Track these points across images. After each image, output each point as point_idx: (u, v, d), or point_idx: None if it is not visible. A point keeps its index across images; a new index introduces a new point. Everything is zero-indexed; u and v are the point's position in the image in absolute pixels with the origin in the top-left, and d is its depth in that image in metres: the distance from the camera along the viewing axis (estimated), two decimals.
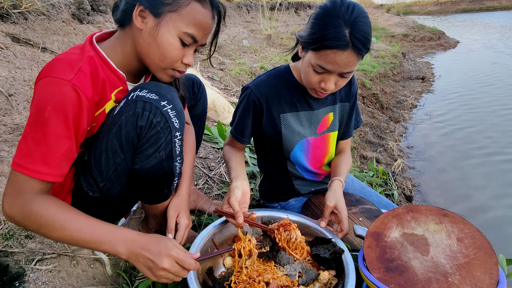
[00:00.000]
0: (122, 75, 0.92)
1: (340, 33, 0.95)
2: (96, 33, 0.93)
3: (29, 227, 0.78)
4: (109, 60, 0.89)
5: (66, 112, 0.76)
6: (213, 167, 1.91)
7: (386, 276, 0.87)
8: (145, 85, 0.88)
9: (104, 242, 0.77)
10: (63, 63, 0.79)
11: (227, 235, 1.09)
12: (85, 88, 0.80)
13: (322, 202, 1.35)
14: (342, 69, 1.01)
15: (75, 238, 0.77)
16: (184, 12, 0.84)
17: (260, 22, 6.28)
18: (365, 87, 4.60)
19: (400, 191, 2.55)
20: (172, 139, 0.88)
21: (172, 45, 0.86)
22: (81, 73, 0.79)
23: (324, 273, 0.96)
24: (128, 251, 0.78)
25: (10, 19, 2.38)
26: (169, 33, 0.85)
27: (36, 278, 0.93)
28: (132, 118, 0.83)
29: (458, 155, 3.30)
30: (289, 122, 1.24)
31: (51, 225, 0.75)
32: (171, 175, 0.95)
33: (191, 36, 0.87)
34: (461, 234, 0.93)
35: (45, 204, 0.76)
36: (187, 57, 0.91)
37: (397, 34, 10.42)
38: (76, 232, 0.76)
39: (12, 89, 1.79)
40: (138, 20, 0.85)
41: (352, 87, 1.34)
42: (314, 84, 1.09)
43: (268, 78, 1.23)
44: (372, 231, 1.01)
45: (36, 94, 0.77)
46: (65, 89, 0.76)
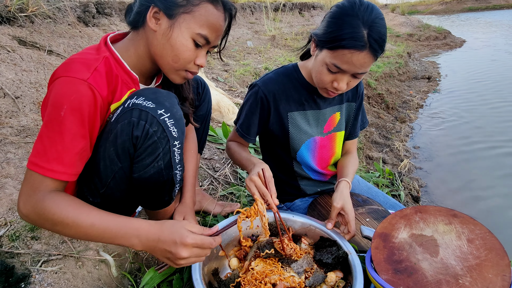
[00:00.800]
0: (135, 76, 0.92)
1: (359, 33, 0.94)
2: (110, 34, 0.94)
3: (44, 225, 0.78)
4: (123, 61, 0.89)
5: (82, 111, 0.77)
6: (218, 168, 1.90)
7: (395, 278, 0.86)
8: (143, 92, 0.86)
9: (117, 237, 0.76)
10: (79, 62, 0.80)
11: (233, 236, 1.08)
12: (101, 87, 0.81)
13: (329, 203, 1.34)
14: (357, 70, 1.00)
15: (89, 234, 0.76)
16: (198, 14, 0.85)
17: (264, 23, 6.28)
18: (371, 87, 4.57)
19: (407, 191, 2.52)
20: (171, 148, 0.86)
21: (185, 46, 0.87)
22: (97, 73, 0.80)
23: (332, 275, 0.94)
24: (142, 245, 0.77)
25: (17, 23, 2.40)
26: (183, 34, 0.86)
27: (42, 279, 0.93)
28: (128, 127, 0.81)
29: (466, 155, 3.26)
30: (296, 121, 1.23)
31: (64, 222, 0.74)
32: (171, 183, 0.94)
33: (204, 37, 0.87)
34: (471, 235, 0.91)
35: (56, 200, 0.75)
36: (199, 58, 0.91)
37: (402, 34, 10.35)
38: (90, 228, 0.75)
39: (19, 92, 1.80)
40: (152, 22, 0.86)
41: (359, 87, 1.33)
42: (326, 83, 1.07)
43: (276, 76, 1.23)
44: (380, 232, 0.99)
45: (52, 94, 0.77)
46: (82, 88, 0.77)
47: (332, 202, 1.11)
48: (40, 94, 1.89)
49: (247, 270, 0.96)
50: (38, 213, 0.75)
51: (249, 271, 0.94)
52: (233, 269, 1.01)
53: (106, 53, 0.87)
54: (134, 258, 1.16)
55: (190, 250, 0.76)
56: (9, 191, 1.22)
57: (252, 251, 1.02)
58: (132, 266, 1.14)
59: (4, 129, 1.55)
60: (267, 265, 0.96)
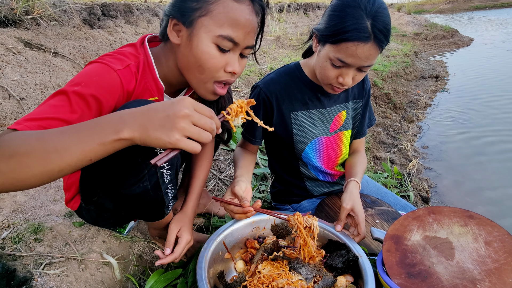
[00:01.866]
0: (161, 86, 0.87)
1: (362, 24, 0.91)
2: (148, 34, 0.91)
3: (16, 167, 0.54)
4: (154, 68, 0.85)
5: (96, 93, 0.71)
6: (223, 169, 1.88)
7: (408, 282, 0.82)
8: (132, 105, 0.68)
9: (96, 131, 0.57)
10: (114, 57, 0.79)
11: (239, 238, 1.05)
12: (129, 82, 0.79)
13: (337, 204, 1.30)
14: (362, 63, 0.97)
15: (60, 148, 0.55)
16: (216, 13, 0.76)
17: (269, 24, 6.26)
18: (377, 87, 4.51)
19: (416, 192, 2.46)
20: (158, 170, 0.78)
21: (207, 53, 0.78)
22: (128, 69, 0.79)
23: (341, 280, 0.91)
24: (131, 124, 0.57)
25: (22, 25, 2.42)
26: (203, 41, 0.77)
27: (44, 282, 0.91)
28: None
29: (477, 155, 3.18)
30: (300, 121, 1.20)
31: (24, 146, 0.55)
32: (161, 202, 0.87)
33: (228, 38, 0.77)
34: (489, 237, 0.86)
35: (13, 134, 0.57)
36: (230, 64, 0.81)
37: (408, 33, 10.24)
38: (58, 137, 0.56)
39: (24, 93, 1.80)
40: (174, 35, 0.81)
41: (365, 84, 1.30)
42: (331, 79, 1.04)
43: (277, 76, 1.20)
44: (391, 234, 0.95)
45: (77, 74, 0.74)
46: (110, 74, 0.75)
47: (342, 203, 1.08)
48: (45, 96, 1.88)
49: (253, 273, 0.93)
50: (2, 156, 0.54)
51: (256, 275, 0.91)
52: (239, 272, 0.98)
53: (141, 55, 0.84)
54: (138, 261, 1.14)
55: (191, 108, 0.59)
56: (13, 193, 1.21)
57: (259, 254, 0.99)
58: (136, 269, 1.11)
59: None
60: (274, 269, 0.93)
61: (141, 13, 3.79)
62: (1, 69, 1.85)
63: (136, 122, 0.57)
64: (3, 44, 2.06)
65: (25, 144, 0.55)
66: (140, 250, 1.16)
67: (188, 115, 0.58)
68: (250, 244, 1.03)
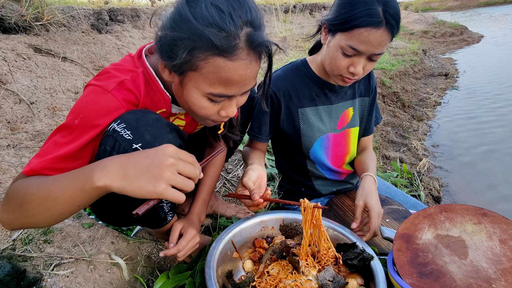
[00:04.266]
0: (168, 96, 0.84)
1: (374, 9, 0.91)
2: (146, 45, 0.87)
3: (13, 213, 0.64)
4: (156, 79, 0.81)
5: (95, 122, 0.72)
6: (230, 170, 1.87)
7: (420, 282, 0.80)
8: (127, 116, 0.73)
9: (83, 179, 0.59)
10: (111, 73, 0.77)
11: (247, 237, 1.04)
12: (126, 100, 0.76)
13: (345, 203, 1.29)
14: (374, 50, 0.96)
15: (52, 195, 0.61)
16: (205, 71, 0.68)
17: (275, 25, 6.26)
18: (385, 86, 4.46)
19: (427, 191, 2.42)
20: None
21: (198, 105, 0.74)
22: (123, 86, 0.75)
23: (353, 282, 0.89)
24: (115, 173, 0.58)
25: (32, 31, 2.46)
26: (193, 94, 0.73)
27: (53, 283, 0.92)
28: (102, 155, 0.71)
29: (489, 153, 3.11)
30: (308, 118, 1.19)
31: (27, 195, 0.62)
32: (156, 214, 0.86)
33: (220, 95, 0.72)
34: (504, 235, 0.84)
35: (17, 183, 0.66)
36: (225, 110, 0.77)
37: (416, 31, 10.11)
38: (52, 185, 0.61)
39: (34, 97, 1.83)
40: (166, 73, 0.75)
41: (371, 81, 1.29)
42: (341, 69, 1.03)
43: (284, 73, 1.19)
44: (402, 233, 0.93)
45: (77, 100, 0.75)
46: (103, 98, 0.72)
47: (355, 200, 1.08)
48: (55, 100, 1.91)
49: (262, 273, 0.92)
50: (8, 204, 0.64)
51: (265, 275, 0.90)
52: (247, 271, 0.97)
53: (141, 68, 0.81)
54: (146, 262, 1.14)
55: (176, 159, 0.60)
56: None
57: (268, 254, 0.98)
58: (144, 269, 1.11)
59: (20, 134, 1.58)
60: (283, 269, 0.91)
61: (147, 17, 3.83)
62: (12, 74, 1.89)
63: (116, 169, 0.58)
64: (14, 50, 2.10)
65: (27, 194, 0.62)
66: (148, 251, 1.17)
67: (173, 164, 0.59)
68: (259, 244, 1.02)
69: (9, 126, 1.60)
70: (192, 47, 0.65)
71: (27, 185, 0.63)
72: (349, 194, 1.35)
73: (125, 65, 0.81)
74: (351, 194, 1.35)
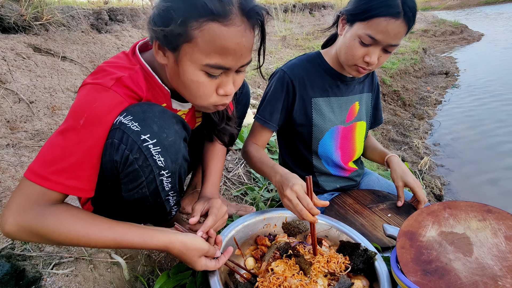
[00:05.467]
0: (166, 90, 0.83)
1: (394, 1, 0.95)
2: (140, 41, 0.85)
3: (42, 242, 0.70)
4: (153, 73, 0.80)
5: (102, 120, 0.70)
6: (231, 168, 1.86)
7: (424, 279, 0.78)
8: (133, 109, 0.73)
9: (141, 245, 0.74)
10: (108, 69, 0.75)
11: (250, 234, 1.03)
12: (128, 95, 0.74)
13: (347, 202, 1.28)
14: (391, 40, 0.99)
15: (110, 246, 0.73)
16: (200, 40, 0.66)
17: (275, 25, 6.24)
18: (386, 84, 4.45)
19: (428, 190, 2.41)
20: (156, 178, 0.75)
21: (196, 82, 0.72)
22: (123, 81, 0.74)
23: (358, 284, 0.88)
24: (170, 251, 0.78)
25: (32, 31, 2.45)
26: (189, 69, 0.71)
27: (53, 282, 0.91)
28: (110, 148, 0.71)
29: (491, 151, 3.09)
30: (320, 108, 1.21)
31: (73, 240, 0.69)
32: (162, 208, 0.85)
33: (217, 66, 0.70)
34: (509, 232, 0.82)
35: (60, 217, 0.67)
36: (223, 87, 0.75)
37: (416, 30, 10.09)
38: (107, 242, 0.71)
39: (33, 97, 1.82)
40: (160, 55, 0.74)
41: (374, 78, 1.34)
42: (357, 58, 1.05)
43: (300, 62, 1.21)
44: (405, 230, 0.92)
45: (75, 101, 0.72)
46: (106, 95, 0.70)
47: (393, 182, 1.23)
48: (54, 99, 1.91)
49: (265, 271, 0.91)
50: (34, 232, 0.65)
51: (268, 273, 0.88)
52: (250, 269, 0.96)
53: (137, 66, 0.79)
54: (147, 261, 1.13)
55: (204, 262, 0.81)
56: None
57: (271, 252, 0.96)
58: (144, 269, 1.10)
59: (19, 133, 1.57)
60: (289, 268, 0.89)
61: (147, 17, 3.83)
62: (12, 74, 1.88)
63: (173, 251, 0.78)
64: (13, 49, 2.09)
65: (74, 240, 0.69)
66: (148, 250, 1.16)
67: (202, 268, 0.80)
68: (261, 241, 1.01)
69: (8, 125, 1.59)
70: (186, 15, 0.65)
71: (74, 232, 0.69)
72: (349, 193, 1.34)
73: (119, 62, 0.79)
74: (352, 193, 1.34)
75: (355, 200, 1.30)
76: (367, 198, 1.31)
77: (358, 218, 1.20)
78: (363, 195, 1.33)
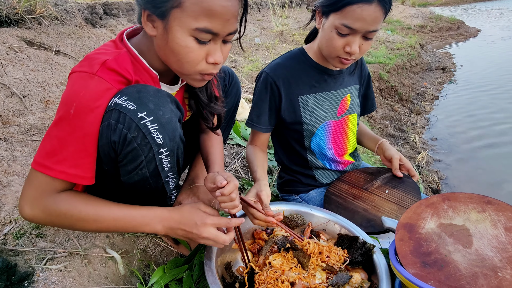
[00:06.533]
0: (155, 74, 0.83)
1: None
2: (127, 28, 0.86)
3: (59, 226, 0.80)
4: (140, 58, 0.80)
5: (92, 108, 0.71)
6: (228, 163, 1.85)
7: (423, 271, 0.77)
8: (127, 90, 0.74)
9: (141, 225, 0.79)
10: (94, 57, 0.75)
11: (247, 228, 1.02)
12: (115, 80, 0.74)
13: (342, 189, 1.26)
14: (368, 26, 0.96)
15: (111, 228, 0.79)
16: (188, 4, 0.68)
17: (272, 20, 6.20)
18: (383, 80, 4.44)
19: (426, 184, 2.41)
20: (156, 156, 0.76)
21: (186, 47, 0.72)
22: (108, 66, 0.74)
23: (357, 276, 0.87)
24: (165, 229, 0.80)
25: (24, 24, 2.41)
26: (178, 35, 0.71)
27: (46, 277, 0.89)
28: (107, 130, 0.72)
29: (488, 146, 3.10)
30: (308, 105, 1.18)
31: (84, 220, 0.76)
32: (162, 191, 0.85)
33: (205, 30, 0.71)
34: (509, 223, 0.81)
35: (72, 201, 0.75)
36: (212, 55, 0.76)
37: (413, 26, 10.08)
38: (112, 222, 0.77)
39: (26, 91, 1.79)
40: (149, 26, 0.75)
41: (364, 69, 1.32)
42: (338, 49, 1.03)
43: (283, 61, 1.18)
44: (404, 222, 0.91)
45: (64, 91, 0.73)
46: (92, 82, 0.71)
47: (392, 156, 1.26)
48: (47, 93, 1.87)
49: (263, 265, 0.89)
50: (52, 214, 0.74)
51: (266, 266, 0.87)
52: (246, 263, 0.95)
53: (123, 49, 0.79)
54: (142, 256, 1.11)
55: (209, 231, 0.79)
56: (15, 189, 1.19)
57: (268, 246, 0.95)
58: (140, 263, 1.09)
59: (12, 127, 1.54)
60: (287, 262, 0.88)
61: None
62: (4, 68, 1.84)
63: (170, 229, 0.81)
64: (5, 43, 2.05)
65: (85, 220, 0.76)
66: (144, 245, 1.14)
67: (207, 237, 0.80)
68: (258, 235, 1.00)
69: (0, 119, 1.56)
70: None
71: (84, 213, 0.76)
72: (342, 179, 1.31)
73: (107, 48, 0.79)
74: (344, 178, 1.32)
75: (349, 185, 1.28)
76: (360, 179, 1.29)
77: (359, 204, 1.18)
78: (356, 177, 1.31)
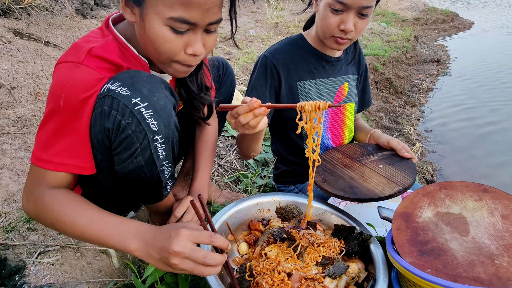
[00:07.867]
0: (144, 61, 0.80)
1: None
2: (113, 14, 0.82)
3: (44, 223, 0.74)
4: (128, 44, 0.77)
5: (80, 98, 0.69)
6: (223, 155, 1.83)
7: (420, 260, 0.77)
8: (120, 76, 0.71)
9: (114, 235, 0.68)
10: (79, 45, 0.72)
11: (242, 219, 1.01)
12: (101, 68, 0.72)
13: (335, 157, 1.24)
14: (361, 2, 0.96)
15: (86, 233, 0.69)
16: None
17: (266, 12, 6.14)
18: (378, 72, 4.43)
19: (420, 175, 2.42)
20: (151, 143, 0.73)
21: (162, 37, 0.68)
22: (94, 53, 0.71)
23: (354, 266, 0.86)
24: (139, 244, 0.67)
25: (13, 15, 2.34)
26: (154, 23, 0.67)
27: (37, 271, 0.87)
28: (100, 117, 0.70)
29: (482, 137, 3.13)
30: (307, 90, 1.17)
31: (61, 220, 0.69)
32: (157, 180, 0.82)
33: (181, 20, 0.66)
34: (506, 211, 0.81)
35: (57, 198, 0.71)
36: (191, 46, 0.71)
37: (408, 18, 10.05)
38: (87, 226, 0.69)
39: (15, 82, 1.74)
40: (128, 12, 0.72)
41: (361, 59, 1.32)
42: (332, 27, 1.03)
43: (282, 46, 1.17)
44: (401, 211, 0.90)
45: (52, 81, 0.71)
46: (78, 72, 0.69)
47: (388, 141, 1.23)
48: (37, 85, 1.83)
49: (259, 256, 0.88)
50: (38, 210, 0.71)
51: (262, 257, 0.86)
52: (242, 254, 0.94)
53: (110, 36, 0.76)
54: None
55: (184, 244, 0.62)
56: (5, 182, 1.16)
57: (265, 237, 0.94)
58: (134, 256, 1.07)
59: (0, 120, 1.50)
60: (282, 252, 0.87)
61: None
62: None
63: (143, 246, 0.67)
64: None
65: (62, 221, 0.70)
66: None
67: (179, 252, 0.62)
68: (254, 226, 0.99)
69: None
70: None
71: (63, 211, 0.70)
72: (338, 148, 1.29)
73: (93, 36, 0.77)
74: (340, 148, 1.30)
75: (343, 155, 1.25)
76: (357, 152, 1.26)
77: (347, 172, 1.14)
78: (353, 149, 1.28)
